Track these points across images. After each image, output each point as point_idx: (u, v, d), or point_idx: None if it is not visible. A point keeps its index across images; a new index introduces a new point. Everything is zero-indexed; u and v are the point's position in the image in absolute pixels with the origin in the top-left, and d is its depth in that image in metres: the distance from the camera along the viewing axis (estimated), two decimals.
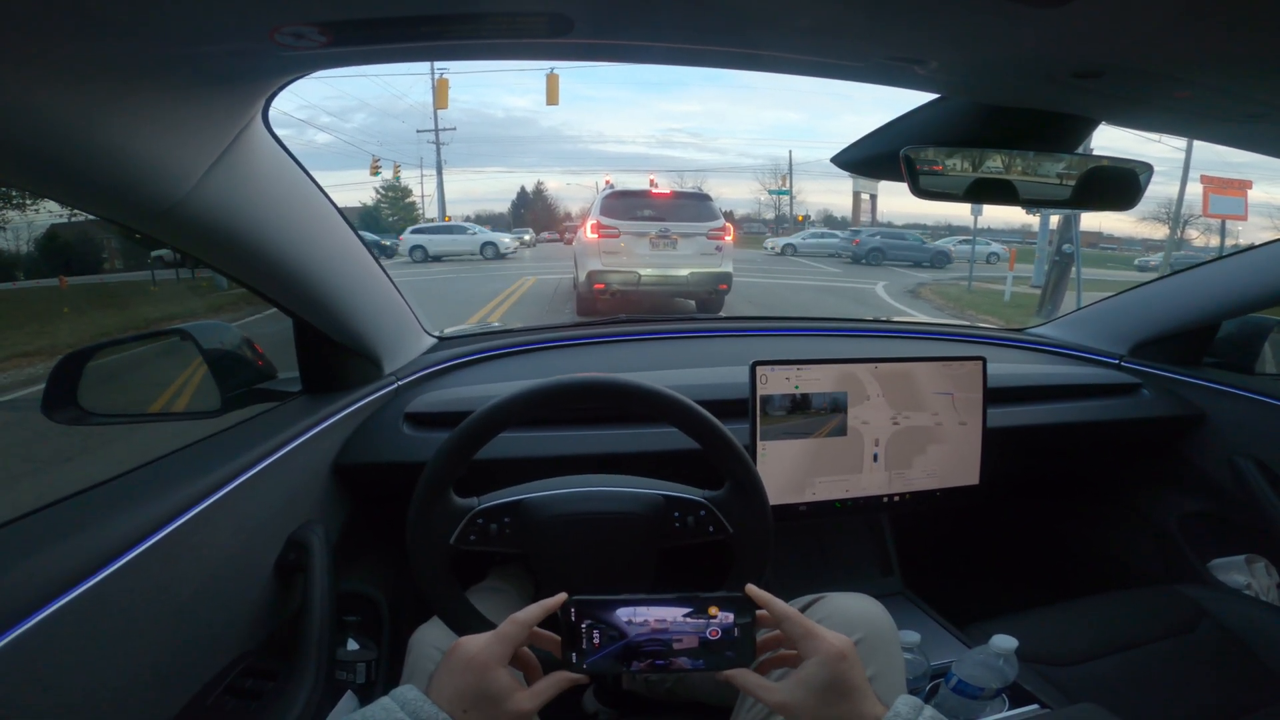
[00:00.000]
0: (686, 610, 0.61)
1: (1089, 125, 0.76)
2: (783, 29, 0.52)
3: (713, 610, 0.61)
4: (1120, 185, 0.79)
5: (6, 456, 3.57)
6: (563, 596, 0.62)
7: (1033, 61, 0.58)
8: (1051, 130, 0.74)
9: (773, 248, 23.46)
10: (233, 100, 0.62)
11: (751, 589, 0.62)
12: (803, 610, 0.81)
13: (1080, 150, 0.80)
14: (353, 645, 1.02)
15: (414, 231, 19.34)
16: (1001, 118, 0.73)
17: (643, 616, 0.61)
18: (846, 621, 0.76)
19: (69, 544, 0.59)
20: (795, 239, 24.34)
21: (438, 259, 17.79)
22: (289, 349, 1.05)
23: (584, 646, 0.61)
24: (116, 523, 0.64)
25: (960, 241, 22.65)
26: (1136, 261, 23.67)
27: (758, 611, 0.62)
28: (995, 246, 21.28)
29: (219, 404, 0.97)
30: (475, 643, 0.59)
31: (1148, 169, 0.79)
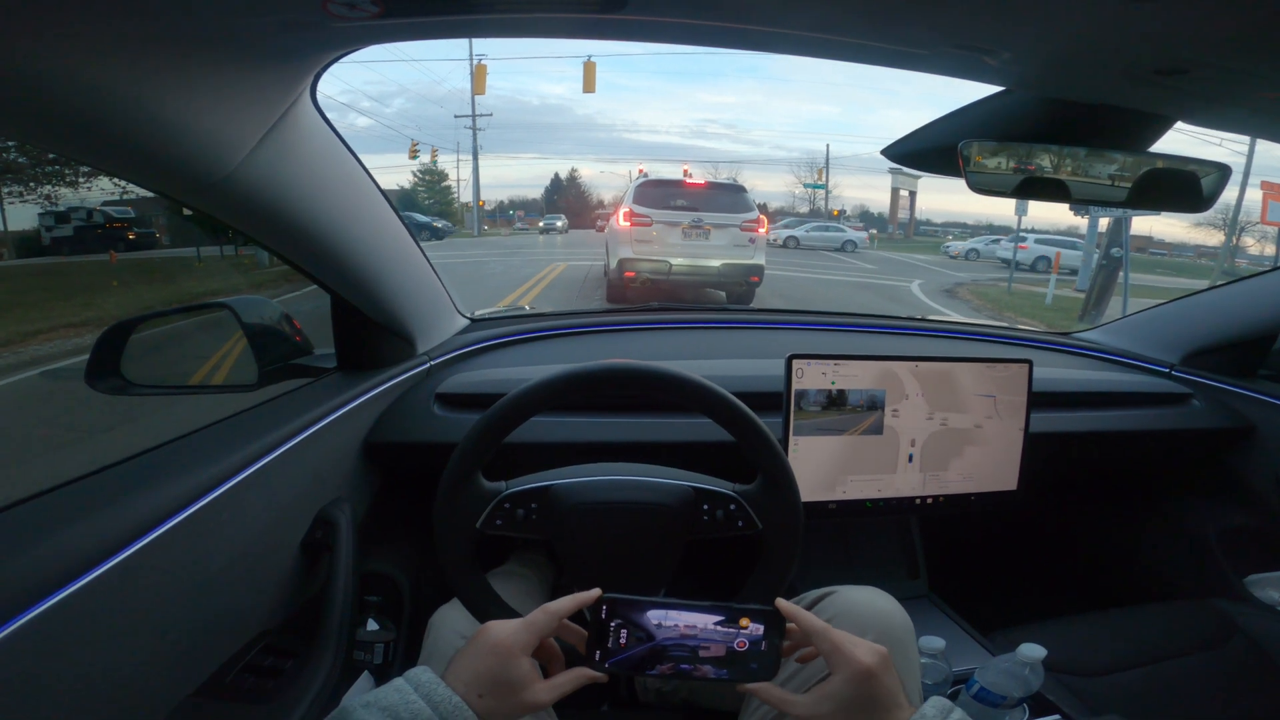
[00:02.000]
0: (718, 619, 0.60)
1: (1164, 124, 0.71)
2: (850, 12, 0.50)
3: (744, 621, 0.60)
4: (1196, 186, 0.74)
5: (52, 425, 3.71)
6: (596, 592, 0.61)
7: (1114, 56, 0.54)
8: (1123, 128, 0.70)
9: (774, 239, 22.65)
10: (283, 75, 0.62)
11: (782, 603, 0.62)
12: (814, 604, 0.81)
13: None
14: (372, 625, 1.02)
15: None
16: (1069, 113, 0.69)
17: (673, 620, 0.60)
18: (859, 618, 0.75)
19: (103, 516, 0.60)
20: (798, 231, 23.99)
21: None
22: (324, 325, 1.06)
23: (610, 645, 0.60)
24: (151, 496, 0.64)
25: (990, 240, 22.08)
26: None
27: (788, 625, 0.61)
28: (1045, 250, 20.04)
29: (256, 378, 0.98)
30: (504, 628, 0.58)
31: (1219, 169, 0.75)
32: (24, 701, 0.51)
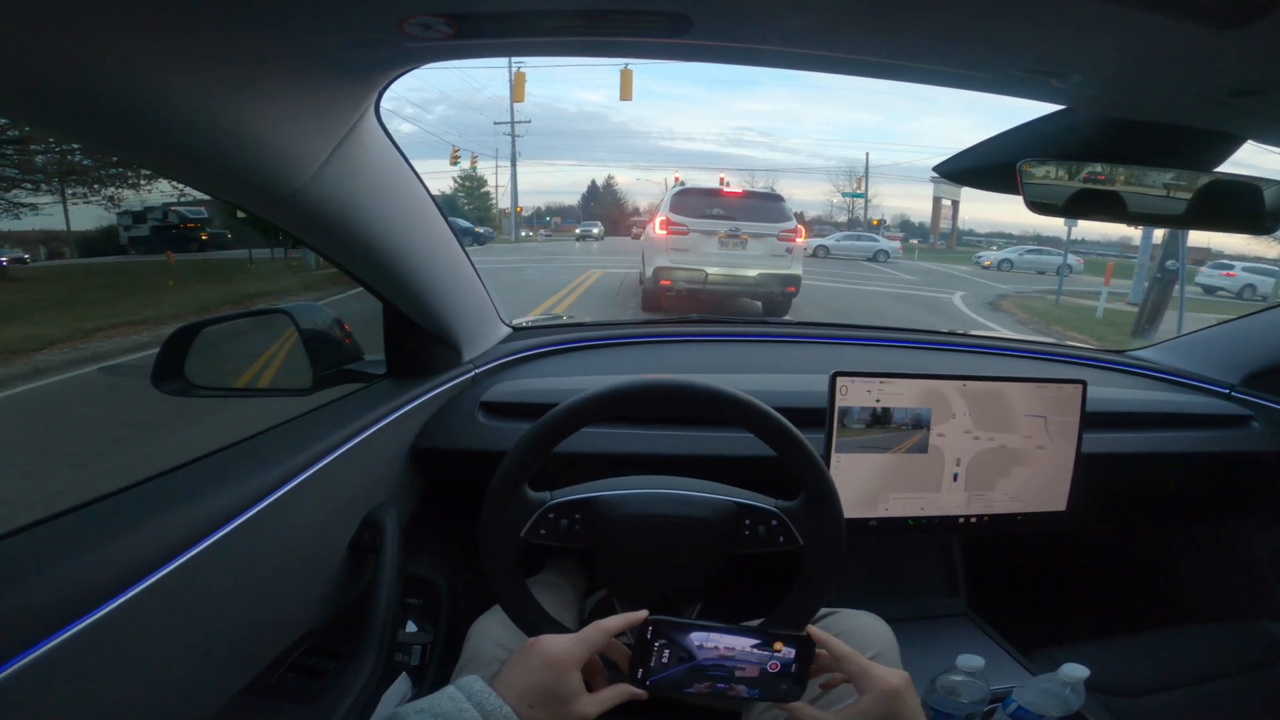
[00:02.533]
0: (755, 642, 0.64)
1: (1234, 143, 0.69)
2: (918, 39, 0.50)
3: (777, 645, 0.64)
4: (1259, 204, 0.72)
5: (107, 422, 3.86)
6: (644, 614, 0.64)
7: (1188, 78, 0.53)
8: (1191, 147, 0.68)
9: (805, 249, 22.54)
10: (353, 90, 0.64)
11: (813, 629, 0.66)
12: (815, 621, 0.84)
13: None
14: (411, 627, 1.04)
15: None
16: (1134, 133, 0.68)
17: (714, 642, 0.64)
18: (862, 638, 0.81)
19: (167, 519, 0.61)
20: (829, 241, 23.87)
21: None
22: (368, 329, 1.09)
23: (652, 664, 0.63)
24: (214, 499, 0.66)
25: (1027, 251, 21.48)
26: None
27: (817, 650, 0.65)
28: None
29: (310, 382, 1.01)
30: (558, 643, 0.60)
31: None
32: (83, 700, 0.52)
